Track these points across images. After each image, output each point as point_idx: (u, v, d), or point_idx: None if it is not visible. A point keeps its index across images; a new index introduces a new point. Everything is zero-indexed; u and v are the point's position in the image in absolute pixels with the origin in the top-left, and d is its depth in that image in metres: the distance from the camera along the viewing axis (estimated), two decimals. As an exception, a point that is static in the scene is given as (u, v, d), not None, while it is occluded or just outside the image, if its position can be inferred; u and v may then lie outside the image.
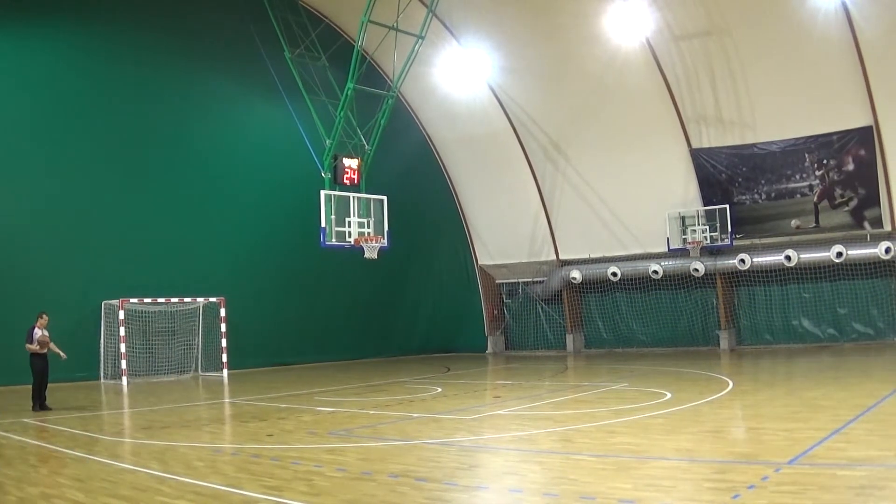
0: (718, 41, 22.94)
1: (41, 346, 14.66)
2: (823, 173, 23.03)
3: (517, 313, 30.64)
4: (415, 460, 8.37)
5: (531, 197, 28.65)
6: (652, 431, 9.74)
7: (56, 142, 21.01)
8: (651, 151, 25.35)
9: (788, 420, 10.08)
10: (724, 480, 6.77)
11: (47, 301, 18.37)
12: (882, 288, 23.10)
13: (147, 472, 8.05)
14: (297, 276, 25.86)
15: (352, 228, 19.27)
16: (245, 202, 24.86)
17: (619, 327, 28.09)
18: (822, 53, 21.58)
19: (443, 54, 26.61)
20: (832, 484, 6.42)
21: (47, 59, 21.05)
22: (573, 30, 24.60)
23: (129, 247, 22.03)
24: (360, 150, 20.41)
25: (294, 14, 24.22)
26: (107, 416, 14.14)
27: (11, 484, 7.68)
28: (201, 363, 23.16)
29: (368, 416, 12.27)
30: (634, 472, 7.32)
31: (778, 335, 24.90)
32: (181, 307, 22.70)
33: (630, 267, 26.68)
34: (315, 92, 22.15)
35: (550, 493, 6.74)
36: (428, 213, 30.17)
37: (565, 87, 26.27)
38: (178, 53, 23.59)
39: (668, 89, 24.28)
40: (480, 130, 28.43)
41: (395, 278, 29.07)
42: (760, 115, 23.40)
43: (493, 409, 13.12)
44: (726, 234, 24.32)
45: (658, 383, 15.42)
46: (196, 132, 24.04)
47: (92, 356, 21.25)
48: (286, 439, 10.16)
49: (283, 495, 6.84)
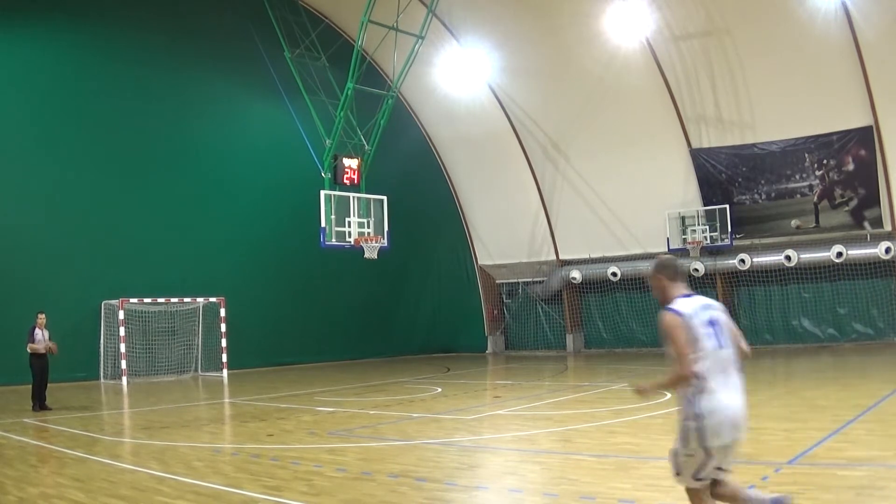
0: (718, 41, 22.94)
1: (50, 350, 14.65)
2: (823, 173, 23.03)
3: (517, 313, 30.64)
4: (415, 460, 8.37)
5: (531, 197, 28.65)
6: (652, 431, 9.74)
7: (56, 142, 21.01)
8: (651, 151, 25.34)
9: (788, 420, 10.08)
10: (724, 480, 6.76)
11: (47, 301, 18.37)
12: (882, 288, 23.09)
13: (147, 472, 8.05)
14: (297, 276, 25.86)
15: (352, 228, 19.28)
16: (245, 202, 24.86)
17: (619, 327, 28.08)
18: (822, 53, 21.58)
19: (443, 54, 26.61)
20: (832, 484, 6.42)
21: (47, 59, 21.04)
22: (573, 30, 24.60)
23: (129, 247, 22.03)
24: (360, 150, 20.42)
25: (294, 14, 24.23)
26: (107, 416, 14.14)
27: (11, 484, 7.68)
28: (201, 363, 23.16)
29: (368, 416, 12.27)
30: (634, 472, 7.32)
31: (778, 335, 24.90)
32: (181, 307, 22.70)
33: (630, 267, 26.67)
34: (315, 92, 22.16)
35: (550, 493, 6.74)
36: (428, 213, 30.17)
37: (565, 87, 26.27)
38: (178, 53, 23.58)
39: (667, 89, 24.28)
40: (480, 130, 28.42)
41: (395, 278, 29.07)
42: (760, 115, 23.39)
43: (493, 409, 13.13)
44: (726, 234, 24.32)
45: (658, 383, 15.38)
46: (196, 132, 24.03)
47: (92, 356, 21.25)
48: (286, 439, 10.16)
49: (283, 495, 6.84)
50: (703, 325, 4.37)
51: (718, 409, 4.29)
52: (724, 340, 4.43)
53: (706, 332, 4.36)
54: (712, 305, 4.52)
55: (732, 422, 4.34)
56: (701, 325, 4.36)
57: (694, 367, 4.26)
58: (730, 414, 4.33)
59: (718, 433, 4.28)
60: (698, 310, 4.41)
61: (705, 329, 4.36)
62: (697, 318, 4.37)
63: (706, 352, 4.33)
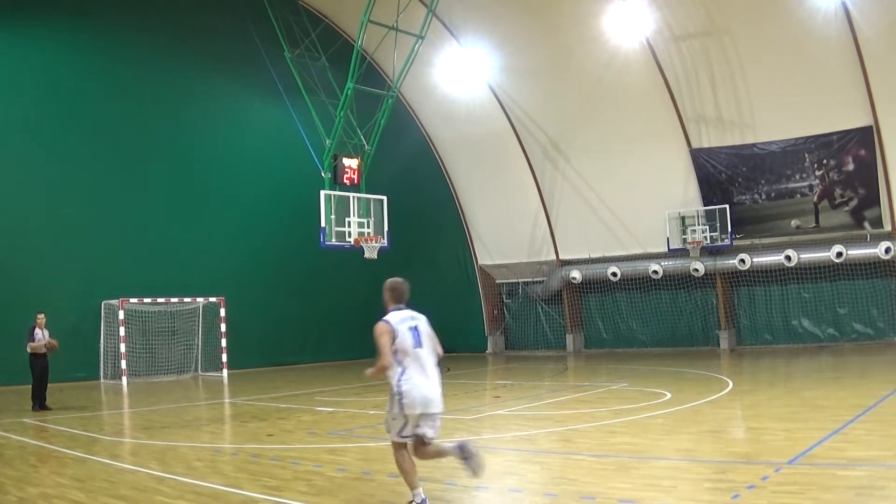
0: (718, 41, 22.93)
1: (51, 345, 14.64)
2: (823, 173, 23.02)
3: (517, 313, 30.63)
4: (414, 460, 8.35)
5: (531, 197, 28.65)
6: (652, 431, 9.74)
7: (55, 142, 21.01)
8: (651, 151, 25.33)
9: (788, 420, 10.08)
10: (724, 480, 6.77)
11: (47, 301, 18.39)
12: (882, 288, 23.08)
13: (147, 472, 8.05)
14: (297, 276, 25.86)
15: (352, 228, 19.27)
16: (245, 202, 24.86)
17: (619, 327, 28.08)
18: (822, 53, 21.57)
19: (443, 54, 26.61)
20: (832, 484, 6.41)
21: (47, 59, 21.05)
22: (573, 30, 24.59)
23: (129, 247, 22.04)
24: (360, 150, 20.41)
25: (294, 14, 24.23)
26: (107, 416, 14.14)
27: (11, 484, 7.68)
28: (201, 363, 23.17)
29: (368, 416, 12.27)
30: (634, 472, 7.31)
31: (778, 335, 24.89)
32: (181, 307, 22.70)
33: (630, 267, 26.67)
34: (315, 92, 22.15)
35: (550, 493, 6.74)
36: (428, 213, 30.17)
37: (565, 87, 26.27)
38: (178, 53, 23.60)
39: (667, 89, 24.28)
40: (480, 130, 28.41)
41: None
42: (760, 115, 23.39)
43: (493, 409, 13.13)
44: (726, 234, 24.32)
45: (658, 383, 15.41)
46: (196, 132, 24.04)
47: (92, 356, 21.27)
48: (286, 439, 10.16)
49: (283, 495, 6.84)
50: (407, 331, 6.04)
51: (413, 389, 5.96)
52: (421, 342, 6.12)
53: (408, 336, 6.03)
54: (416, 317, 6.23)
55: (423, 397, 6.00)
56: (405, 331, 6.03)
57: (389, 359, 5.95)
58: (421, 392, 5.99)
59: (413, 405, 5.95)
60: (404, 319, 6.12)
61: (408, 333, 6.04)
62: (402, 325, 6.05)
63: (407, 349, 6.00)
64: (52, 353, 14.95)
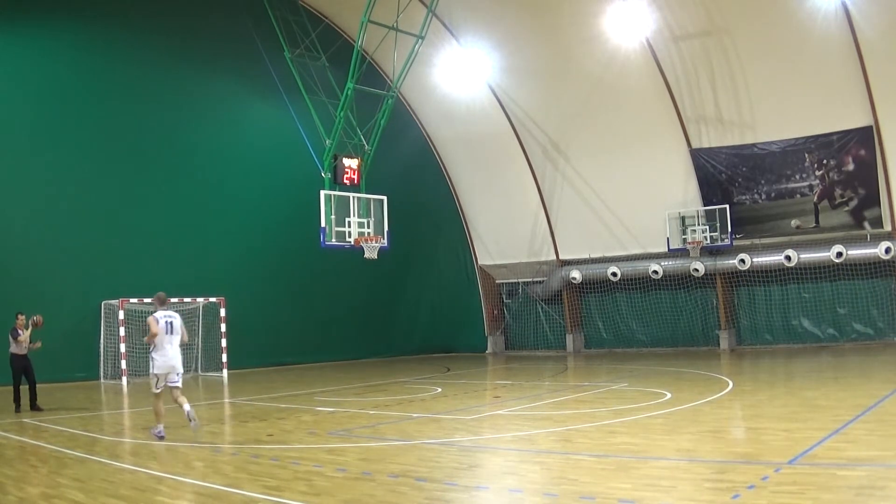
0: (718, 41, 22.94)
1: (35, 323, 14.55)
2: (823, 173, 23.03)
3: (517, 313, 30.64)
4: (415, 460, 8.37)
5: (531, 197, 28.65)
6: (652, 431, 9.75)
7: (55, 142, 20.99)
8: (651, 151, 25.34)
9: (788, 420, 10.08)
10: (724, 480, 6.78)
11: (47, 301, 18.41)
12: (882, 288, 23.09)
13: (146, 472, 8.05)
14: (297, 276, 25.85)
15: (352, 228, 19.26)
16: (245, 202, 24.85)
17: (619, 327, 28.09)
18: (822, 53, 21.57)
19: (443, 54, 26.61)
20: (832, 484, 6.42)
21: (46, 59, 21.03)
22: (573, 30, 24.60)
23: (129, 247, 22.02)
24: (360, 150, 20.41)
25: (294, 14, 24.22)
26: (107, 416, 14.15)
27: (11, 484, 7.68)
28: (201, 363, 23.16)
29: (368, 416, 12.27)
30: (634, 472, 7.32)
31: (778, 335, 24.90)
32: (181, 307, 22.66)
33: (630, 267, 26.68)
34: (315, 92, 22.15)
35: (550, 493, 6.74)
36: (428, 213, 30.17)
37: (565, 87, 26.26)
38: (178, 53, 23.57)
39: (667, 89, 24.28)
40: (480, 130, 28.42)
41: (395, 278, 29.07)
42: (760, 115, 23.39)
43: (492, 409, 13.13)
44: (726, 234, 24.32)
45: (658, 383, 15.42)
46: (196, 132, 24.02)
47: (92, 356, 21.24)
48: (286, 439, 10.17)
49: (283, 495, 6.84)
50: (165, 324, 10.49)
51: (162, 358, 10.54)
52: (173, 330, 10.58)
53: (165, 326, 10.49)
54: (173, 315, 10.71)
55: (168, 364, 10.56)
56: (164, 323, 10.49)
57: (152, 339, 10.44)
58: (167, 360, 10.55)
59: (163, 368, 10.55)
60: (165, 316, 10.56)
61: (165, 323, 10.49)
62: (163, 320, 10.48)
63: (162, 334, 10.41)
64: (37, 351, 14.81)
